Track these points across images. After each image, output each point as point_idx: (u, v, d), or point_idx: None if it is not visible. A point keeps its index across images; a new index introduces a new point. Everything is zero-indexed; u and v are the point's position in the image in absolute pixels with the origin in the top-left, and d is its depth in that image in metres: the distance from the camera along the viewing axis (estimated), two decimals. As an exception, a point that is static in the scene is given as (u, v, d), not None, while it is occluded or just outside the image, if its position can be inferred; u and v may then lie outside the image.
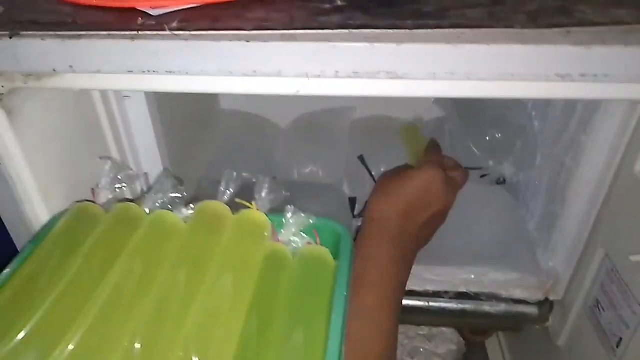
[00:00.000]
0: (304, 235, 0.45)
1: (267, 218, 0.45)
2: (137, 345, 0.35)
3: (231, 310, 0.38)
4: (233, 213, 0.45)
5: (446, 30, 0.34)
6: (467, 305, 0.69)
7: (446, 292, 0.68)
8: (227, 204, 0.46)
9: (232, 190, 0.46)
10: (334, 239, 0.45)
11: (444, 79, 0.34)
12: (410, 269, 0.54)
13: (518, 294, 0.66)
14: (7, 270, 0.39)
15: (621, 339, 0.54)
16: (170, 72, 0.35)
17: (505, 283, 0.67)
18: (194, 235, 0.43)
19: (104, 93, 0.51)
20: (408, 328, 0.87)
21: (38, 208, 0.45)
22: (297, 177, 0.82)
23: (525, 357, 0.84)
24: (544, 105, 0.69)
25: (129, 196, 0.51)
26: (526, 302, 0.67)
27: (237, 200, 0.46)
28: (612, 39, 0.32)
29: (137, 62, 0.35)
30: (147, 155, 0.59)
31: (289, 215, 0.45)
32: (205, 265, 0.40)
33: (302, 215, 0.45)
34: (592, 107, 0.55)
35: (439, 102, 0.85)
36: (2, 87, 0.38)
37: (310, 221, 0.45)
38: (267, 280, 0.41)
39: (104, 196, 0.46)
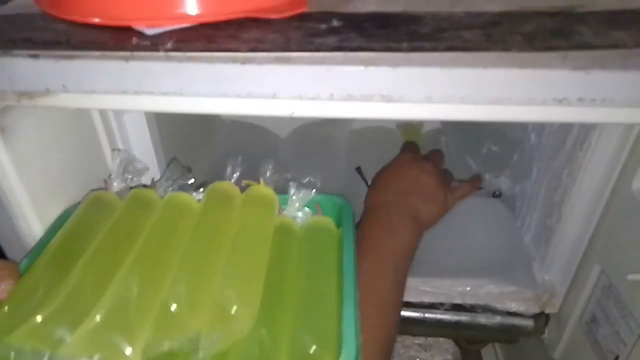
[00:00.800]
0: (307, 209, 0.49)
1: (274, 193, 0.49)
2: (173, 305, 0.36)
3: (253, 271, 0.40)
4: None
5: (442, 54, 0.34)
6: (463, 317, 0.69)
7: (442, 304, 0.68)
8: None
9: (237, 174, 0.50)
10: (335, 210, 0.50)
11: (440, 102, 0.34)
12: (413, 238, 0.58)
13: (514, 306, 0.66)
14: (25, 260, 0.41)
15: (618, 356, 0.53)
16: (165, 93, 0.35)
17: (500, 295, 0.67)
18: (208, 211, 0.45)
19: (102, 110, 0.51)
20: (404, 337, 0.87)
21: (33, 224, 0.44)
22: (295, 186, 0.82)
23: (522, 368, 0.84)
24: (541, 118, 0.69)
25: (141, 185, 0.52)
26: (522, 314, 0.67)
27: (245, 181, 0.50)
28: (611, 62, 0.32)
29: (131, 82, 0.34)
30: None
31: (292, 191, 0.49)
32: (222, 236, 0.43)
33: (305, 190, 0.49)
34: (588, 125, 0.54)
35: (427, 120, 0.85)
36: (-5, 105, 0.38)
37: (313, 195, 0.49)
38: (279, 248, 0.44)
39: (116, 185, 0.48)
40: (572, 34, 0.36)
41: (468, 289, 0.67)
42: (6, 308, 0.36)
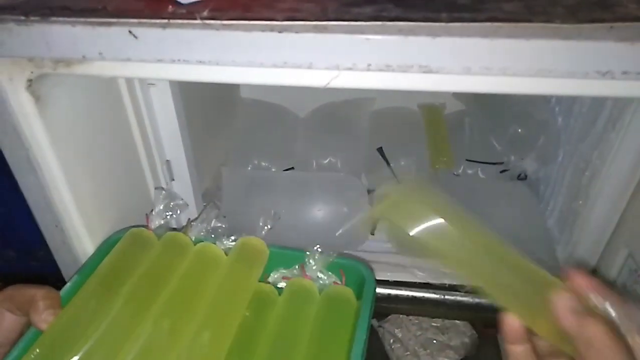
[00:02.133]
0: (330, 273, 0.48)
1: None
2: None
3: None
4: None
5: (483, 24, 0.33)
6: (483, 300, 0.68)
7: (462, 286, 0.68)
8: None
9: (269, 227, 0.51)
10: (358, 279, 0.48)
11: (479, 74, 0.33)
12: None
13: (536, 290, 0.66)
14: (68, 284, 0.44)
15: (642, 339, 0.53)
16: (201, 61, 0.35)
17: (523, 279, 0.66)
18: (233, 268, 0.47)
19: (129, 81, 0.51)
20: (421, 319, 0.86)
21: (64, 194, 0.45)
22: (315, 167, 0.82)
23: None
24: (569, 101, 0.68)
25: (177, 223, 0.56)
26: (543, 298, 0.67)
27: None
28: (657, 34, 0.31)
29: (167, 51, 0.34)
30: (170, 143, 0.59)
31: (316, 253, 0.48)
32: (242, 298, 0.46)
33: (325, 254, 0.49)
34: (622, 104, 0.53)
35: (460, 95, 0.84)
36: (32, 72, 0.38)
37: (334, 259, 0.49)
38: (295, 311, 0.46)
39: (157, 222, 0.51)
40: (616, 6, 0.35)
41: (490, 271, 0.67)
42: (38, 351, 0.38)
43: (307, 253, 0.48)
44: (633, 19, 0.33)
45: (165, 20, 0.34)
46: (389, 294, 0.69)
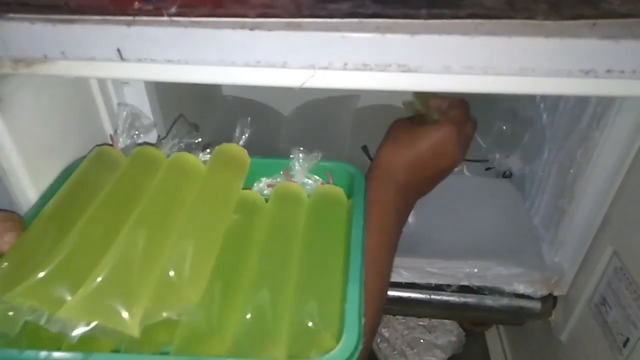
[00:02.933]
0: (316, 177, 0.47)
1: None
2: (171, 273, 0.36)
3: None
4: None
5: (463, 21, 0.32)
6: (470, 299, 0.68)
7: (448, 286, 0.67)
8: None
9: (246, 135, 0.50)
10: (347, 179, 0.48)
11: (460, 72, 0.32)
12: (408, 215, 0.56)
13: (522, 288, 0.65)
14: (29, 212, 0.41)
15: (628, 339, 0.53)
16: (169, 60, 0.33)
17: (508, 277, 0.66)
18: (213, 174, 0.44)
19: (101, 80, 0.49)
20: (408, 319, 0.86)
21: (31, 197, 0.43)
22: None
23: (526, 349, 0.84)
24: (554, 98, 0.67)
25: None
26: (529, 297, 0.66)
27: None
28: (640, 32, 0.30)
29: (133, 49, 0.33)
30: (145, 144, 0.57)
31: (299, 155, 0.47)
32: (225, 202, 0.42)
33: (310, 155, 0.47)
34: (606, 102, 0.53)
35: (445, 92, 0.83)
36: (-9, 73, 0.36)
37: (318, 160, 0.48)
38: (285, 216, 0.43)
39: (122, 141, 0.46)
40: (600, 2, 0.34)
41: (475, 270, 0.66)
42: (6, 264, 0.34)
43: (291, 157, 0.47)
44: (617, 16, 0.32)
45: (131, 18, 0.32)
46: (375, 295, 0.68)
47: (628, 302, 0.53)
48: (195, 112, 0.81)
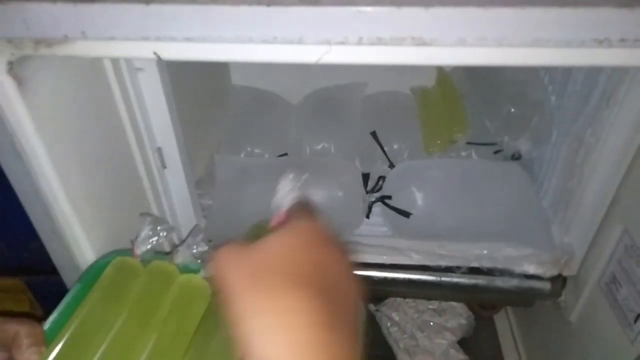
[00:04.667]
0: None
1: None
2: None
3: None
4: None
5: (477, -7, 0.32)
6: (480, 280, 0.68)
7: (458, 267, 0.68)
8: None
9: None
10: None
11: (474, 45, 0.32)
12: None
13: (532, 269, 0.66)
14: (54, 315, 0.45)
15: (639, 315, 0.53)
16: (188, 38, 0.34)
17: (518, 258, 0.66)
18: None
19: (116, 65, 0.49)
20: (418, 302, 0.87)
21: (52, 181, 0.44)
22: (308, 153, 0.81)
23: (535, 331, 0.84)
24: (563, 80, 0.68)
25: (165, 247, 0.56)
26: (539, 277, 0.67)
27: None
28: (655, 0, 0.30)
29: (152, 27, 0.33)
30: (161, 129, 0.58)
31: None
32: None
33: None
34: (615, 80, 0.53)
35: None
36: (12, 54, 0.37)
37: None
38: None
39: (142, 248, 0.51)
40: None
41: (485, 252, 0.67)
42: None
43: None
44: (630, -14, 0.32)
45: (150, -4, 0.33)
46: (385, 277, 0.69)
47: (639, 279, 0.53)
48: (207, 100, 0.82)
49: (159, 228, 0.52)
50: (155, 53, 0.35)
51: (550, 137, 0.69)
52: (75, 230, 0.47)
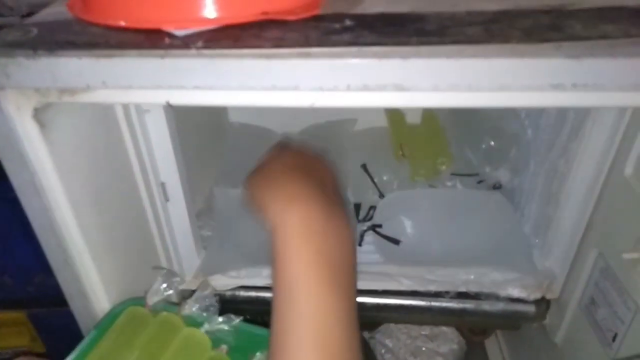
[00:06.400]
0: None
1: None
2: None
3: None
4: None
5: (448, 47, 0.37)
6: (468, 305, 0.72)
7: (447, 292, 0.71)
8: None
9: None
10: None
11: (447, 90, 0.37)
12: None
13: (516, 293, 0.69)
14: (71, 357, 0.51)
15: (616, 334, 0.56)
16: (197, 87, 0.38)
17: (503, 283, 0.70)
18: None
19: (126, 108, 0.54)
20: (410, 328, 0.89)
21: (67, 215, 0.47)
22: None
23: (524, 354, 0.87)
24: (537, 115, 0.73)
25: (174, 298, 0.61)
26: (524, 300, 0.70)
27: None
28: (600, 51, 0.35)
29: (166, 77, 0.38)
30: (165, 165, 0.62)
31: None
32: None
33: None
34: (582, 115, 0.58)
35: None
36: (38, 102, 0.41)
37: None
38: None
39: (154, 298, 0.58)
40: (564, 28, 0.39)
41: (472, 277, 0.70)
42: None
43: None
44: (579, 39, 0.37)
45: (163, 51, 0.38)
46: (378, 304, 0.72)
47: (614, 300, 0.57)
48: (206, 137, 0.86)
49: (171, 281, 0.59)
50: (167, 102, 0.39)
51: (528, 167, 0.74)
52: (85, 260, 0.51)
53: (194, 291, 0.60)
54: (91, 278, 0.53)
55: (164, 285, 0.58)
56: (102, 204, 0.53)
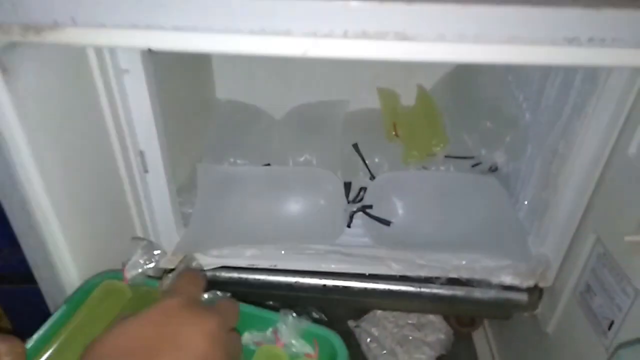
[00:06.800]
0: (304, 342, 0.49)
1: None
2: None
3: None
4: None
5: (456, -7, 0.34)
6: (458, 292, 0.69)
7: (437, 278, 0.68)
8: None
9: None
10: (330, 352, 0.48)
11: (453, 41, 0.34)
12: None
13: (509, 280, 0.67)
14: (38, 334, 0.45)
15: (613, 321, 0.54)
16: (177, 27, 0.34)
17: (496, 269, 0.67)
18: None
19: (102, 65, 0.50)
20: (397, 317, 0.87)
21: (31, 173, 0.43)
22: (291, 165, 0.82)
23: (513, 345, 0.85)
24: (536, 97, 0.71)
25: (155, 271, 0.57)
26: (516, 288, 0.68)
27: None
28: (622, 1, 0.32)
29: (143, 14, 0.34)
30: (144, 133, 0.58)
31: (290, 319, 0.49)
32: None
33: (303, 321, 0.49)
34: (585, 93, 0.56)
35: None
36: (-1, 40, 0.37)
37: (309, 328, 0.49)
38: None
39: (133, 272, 0.53)
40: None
41: (464, 262, 0.68)
42: None
43: (281, 315, 0.49)
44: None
45: (142, -15, 0.34)
46: (365, 288, 0.69)
47: (612, 286, 0.55)
48: (191, 110, 0.82)
49: (152, 253, 0.54)
50: (148, 48, 0.36)
51: (525, 151, 0.72)
52: (51, 225, 0.47)
53: (172, 269, 0.56)
54: (58, 246, 0.48)
55: (145, 257, 0.53)
56: (72, 166, 0.49)
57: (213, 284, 0.67)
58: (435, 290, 0.69)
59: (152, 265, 0.54)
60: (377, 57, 0.36)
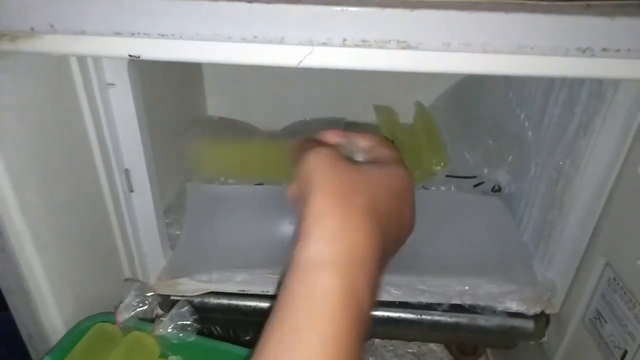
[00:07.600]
0: None
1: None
2: None
3: None
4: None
5: None
6: (461, 319, 0.66)
7: (439, 304, 0.65)
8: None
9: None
10: None
11: (459, 50, 0.32)
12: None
13: (514, 306, 0.64)
14: None
15: (626, 351, 0.51)
16: (163, 35, 0.32)
17: (500, 295, 0.64)
18: None
19: (86, 79, 0.47)
20: (397, 346, 0.83)
21: (6, 194, 0.40)
22: (286, 183, 0.79)
23: (518, 376, 0.81)
24: (539, 113, 0.69)
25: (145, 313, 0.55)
26: (522, 315, 0.64)
27: None
28: (636, 11, 0.30)
29: (125, 21, 0.32)
30: (130, 150, 0.55)
31: None
32: None
33: None
34: (591, 111, 0.54)
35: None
36: (-29, 48, 0.34)
37: None
38: None
39: (125, 315, 0.52)
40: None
41: (467, 288, 0.65)
42: None
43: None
44: (609, -1, 0.33)
45: (125, -11, 0.32)
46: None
47: (624, 313, 0.52)
48: (180, 129, 0.80)
49: (145, 295, 0.53)
50: (129, 54, 0.33)
51: (529, 170, 0.69)
52: (26, 248, 0.43)
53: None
54: (33, 271, 0.45)
55: (137, 300, 0.53)
56: (50, 184, 0.46)
57: (200, 310, 0.64)
58: (436, 317, 0.66)
59: (144, 307, 0.53)
60: (378, 67, 0.34)
